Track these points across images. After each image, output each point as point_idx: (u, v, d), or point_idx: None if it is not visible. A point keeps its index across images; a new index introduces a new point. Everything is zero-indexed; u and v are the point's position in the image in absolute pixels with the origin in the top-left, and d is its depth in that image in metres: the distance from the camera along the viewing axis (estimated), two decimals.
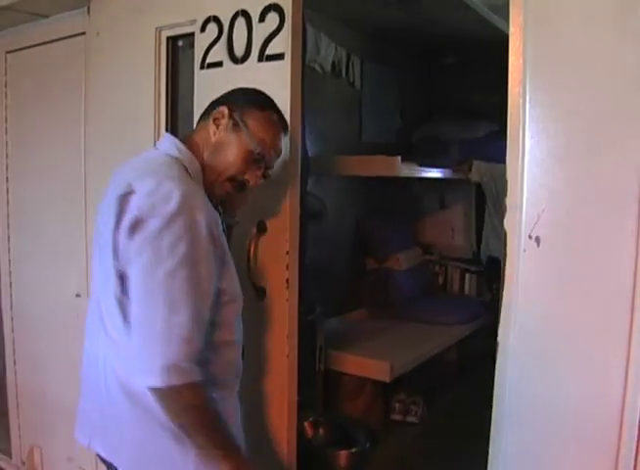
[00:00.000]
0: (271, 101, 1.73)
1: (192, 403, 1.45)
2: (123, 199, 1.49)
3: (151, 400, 1.46)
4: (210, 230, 1.48)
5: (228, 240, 1.87)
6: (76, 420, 1.77)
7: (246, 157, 1.64)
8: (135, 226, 1.45)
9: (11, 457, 3.49)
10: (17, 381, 3.36)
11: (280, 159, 1.94)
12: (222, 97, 1.70)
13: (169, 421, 1.47)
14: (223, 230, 1.75)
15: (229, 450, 1.52)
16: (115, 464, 1.64)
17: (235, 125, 1.62)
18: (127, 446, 1.61)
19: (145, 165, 1.59)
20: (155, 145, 1.73)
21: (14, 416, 3.41)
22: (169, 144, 1.65)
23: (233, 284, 1.63)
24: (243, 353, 1.81)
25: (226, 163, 1.64)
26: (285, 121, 1.74)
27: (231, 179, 1.67)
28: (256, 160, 1.66)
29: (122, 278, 1.49)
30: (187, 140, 1.66)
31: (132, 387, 1.53)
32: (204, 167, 1.64)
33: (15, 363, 3.35)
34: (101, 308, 1.60)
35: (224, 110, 1.63)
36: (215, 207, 1.67)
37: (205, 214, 1.47)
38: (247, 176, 1.67)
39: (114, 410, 1.60)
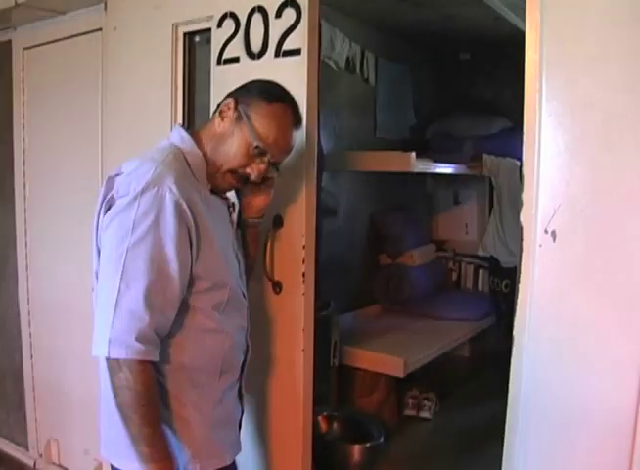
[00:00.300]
0: (284, 94, 1.68)
1: (129, 384, 1.42)
2: (110, 180, 1.56)
3: None
4: (181, 209, 1.46)
5: (244, 237, 1.89)
6: None
7: (246, 150, 1.61)
8: (109, 204, 1.51)
9: (28, 450, 3.51)
10: (34, 374, 3.38)
11: (295, 153, 1.94)
12: (237, 89, 1.68)
13: (112, 399, 1.46)
14: (237, 224, 1.79)
15: (160, 453, 1.47)
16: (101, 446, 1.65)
17: (238, 117, 1.60)
18: (102, 424, 1.63)
19: (144, 153, 1.62)
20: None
21: (31, 409, 3.43)
22: (176, 133, 1.67)
23: (216, 270, 1.60)
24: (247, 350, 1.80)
25: (227, 155, 1.62)
26: (299, 115, 1.69)
27: (232, 172, 1.64)
28: (259, 154, 1.62)
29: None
30: (195, 131, 1.68)
31: None
32: (207, 158, 1.63)
33: (32, 357, 3.37)
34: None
35: (230, 102, 1.62)
36: (223, 196, 1.73)
37: (175, 193, 1.46)
38: (248, 170, 1.64)
39: (102, 391, 1.59)
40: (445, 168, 3.70)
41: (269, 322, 2.13)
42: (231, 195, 1.80)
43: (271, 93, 1.64)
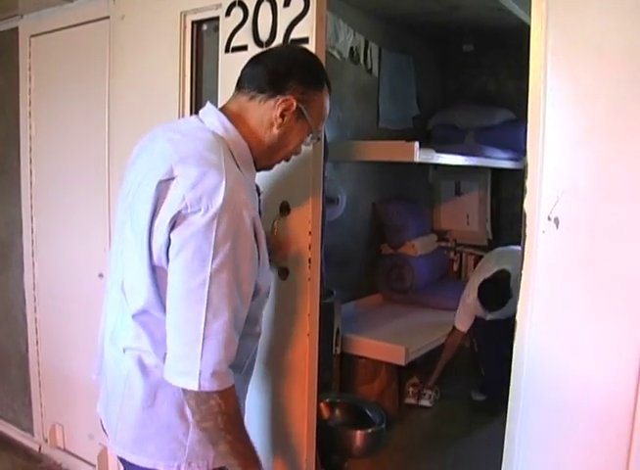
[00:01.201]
0: (323, 69, 1.66)
1: (222, 410, 1.40)
2: (164, 185, 1.40)
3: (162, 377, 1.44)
4: (254, 227, 1.42)
5: None
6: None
7: (304, 138, 1.63)
8: (177, 220, 1.36)
9: (33, 435, 3.55)
10: (39, 360, 3.41)
11: None
12: (281, 74, 1.55)
13: (195, 422, 1.45)
14: (259, 212, 1.68)
15: (248, 461, 1.49)
16: (111, 440, 1.62)
17: (300, 115, 1.57)
18: (128, 422, 1.58)
19: (189, 146, 1.48)
20: (198, 114, 1.61)
21: (36, 395, 3.47)
22: (215, 119, 1.55)
23: (267, 278, 1.61)
24: None
25: (286, 147, 1.61)
26: (330, 83, 1.65)
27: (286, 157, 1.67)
28: (311, 135, 1.65)
29: (154, 268, 1.43)
30: (234, 118, 1.56)
31: (147, 361, 1.51)
32: (258, 149, 1.58)
33: (37, 343, 3.40)
34: (123, 287, 1.54)
35: (292, 102, 1.53)
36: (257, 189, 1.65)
37: (250, 211, 1.40)
38: (298, 149, 1.67)
39: (120, 386, 1.57)
40: (448, 159, 3.73)
41: (275, 307, 2.16)
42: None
43: (318, 77, 1.61)
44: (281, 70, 1.55)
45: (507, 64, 4.52)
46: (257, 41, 2.12)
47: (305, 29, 2.02)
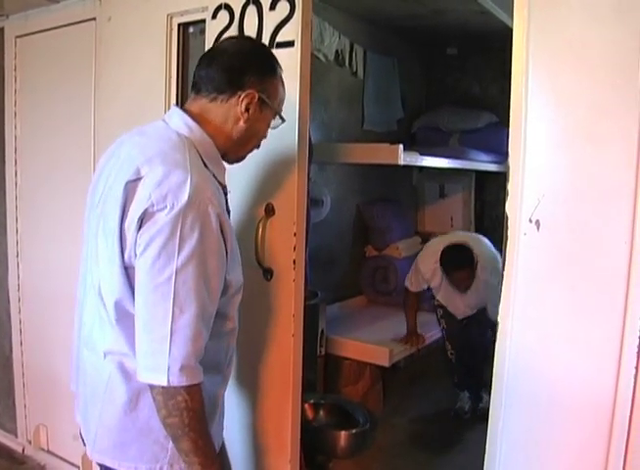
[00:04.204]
0: (271, 52, 1.71)
1: (188, 406, 1.41)
2: (131, 186, 1.43)
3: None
4: (220, 223, 1.43)
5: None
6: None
7: (269, 124, 1.68)
8: (143, 219, 1.38)
9: (17, 436, 3.53)
10: (23, 361, 3.40)
11: (287, 143, 2.04)
12: (236, 71, 1.57)
13: (160, 417, 1.45)
14: (227, 210, 1.70)
15: (208, 460, 1.49)
16: (90, 447, 1.61)
17: (263, 103, 1.60)
18: (108, 428, 1.57)
19: (154, 147, 1.50)
20: (163, 118, 1.61)
21: (20, 396, 3.45)
22: (179, 120, 1.57)
23: (238, 274, 1.61)
24: None
25: (258, 135, 1.66)
26: (279, 62, 1.68)
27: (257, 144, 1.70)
28: (276, 118, 1.69)
29: (127, 269, 1.45)
30: (198, 117, 1.57)
31: (128, 365, 1.51)
32: (227, 145, 1.61)
33: (21, 344, 3.39)
34: (100, 292, 1.53)
35: (253, 94, 1.56)
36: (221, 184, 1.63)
37: (215, 207, 1.42)
38: (266, 133, 1.71)
39: (100, 392, 1.57)
40: (432, 162, 3.75)
41: (260, 308, 2.17)
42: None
43: (271, 64, 1.64)
44: (235, 66, 1.57)
45: (491, 67, 4.55)
46: None
47: (291, 33, 2.03)
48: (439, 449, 3.43)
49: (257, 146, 1.72)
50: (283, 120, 1.72)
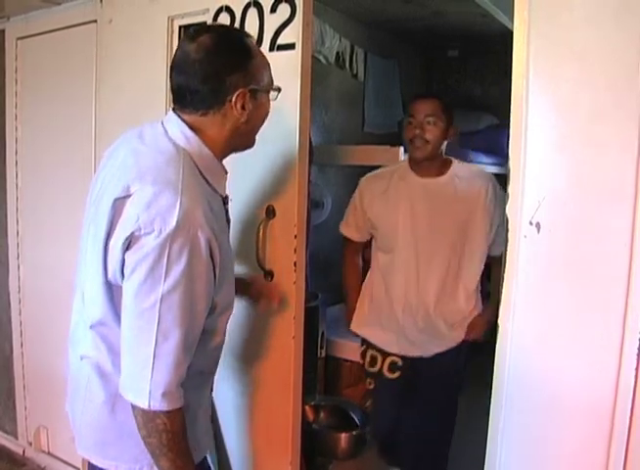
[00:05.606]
0: (235, 35, 1.59)
1: (167, 428, 1.42)
2: (120, 203, 1.41)
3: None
4: (210, 247, 1.40)
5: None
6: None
7: (269, 106, 1.63)
8: (130, 240, 1.37)
9: (17, 438, 3.54)
10: (24, 362, 3.40)
11: (288, 146, 2.05)
12: (214, 79, 1.49)
13: (141, 436, 1.45)
14: (227, 221, 1.70)
15: None
16: (77, 441, 1.63)
17: (255, 94, 1.54)
18: (89, 425, 1.59)
19: (149, 160, 1.47)
20: (162, 123, 1.56)
21: (20, 398, 3.46)
22: (176, 129, 1.52)
23: (228, 294, 1.60)
24: None
25: (262, 119, 1.63)
26: (250, 36, 1.62)
27: None
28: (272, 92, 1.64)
29: (110, 284, 1.45)
30: (194, 126, 1.52)
31: (106, 369, 1.52)
32: (233, 144, 1.59)
33: (22, 345, 3.40)
34: (83, 297, 1.56)
35: (243, 92, 1.50)
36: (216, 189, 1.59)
37: (205, 231, 1.38)
38: (269, 110, 1.65)
39: (82, 390, 1.58)
40: None
41: (260, 311, 2.17)
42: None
43: (242, 51, 1.53)
44: (211, 74, 1.49)
45: (492, 69, 4.55)
46: None
47: (292, 36, 2.04)
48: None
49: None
50: (279, 90, 1.65)
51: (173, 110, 1.57)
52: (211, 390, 1.85)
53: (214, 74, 1.48)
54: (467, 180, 2.61)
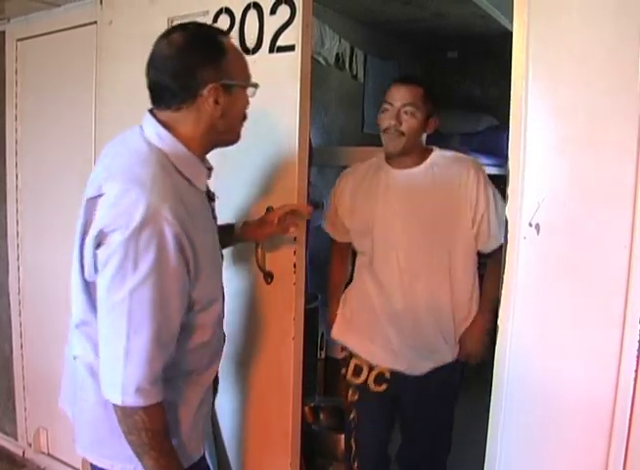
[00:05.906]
0: (206, 30, 1.59)
1: (146, 426, 1.42)
2: (91, 203, 1.44)
3: None
4: (181, 242, 1.39)
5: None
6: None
7: (247, 97, 1.60)
8: (99, 238, 1.39)
9: (17, 439, 3.53)
10: (24, 363, 3.40)
11: (287, 147, 2.05)
12: (185, 75, 1.49)
13: (123, 434, 1.45)
14: (214, 217, 1.71)
15: None
16: (75, 439, 1.64)
17: (228, 89, 1.53)
18: (85, 424, 1.61)
19: (123, 161, 1.50)
20: (142, 123, 1.56)
21: (20, 399, 3.45)
22: (150, 129, 1.52)
23: (208, 289, 1.57)
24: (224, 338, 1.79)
25: (240, 114, 1.61)
26: (224, 32, 1.61)
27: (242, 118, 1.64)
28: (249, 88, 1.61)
29: (87, 283, 1.47)
30: (168, 124, 1.52)
31: (96, 369, 1.50)
32: (212, 139, 1.58)
33: (22, 346, 3.40)
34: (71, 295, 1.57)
35: (215, 86, 1.49)
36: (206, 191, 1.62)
37: (173, 227, 1.38)
38: (248, 105, 1.63)
39: (77, 389, 1.60)
40: None
41: (260, 312, 2.18)
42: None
43: (213, 47, 1.52)
44: (181, 70, 1.49)
45: (491, 70, 4.56)
46: (244, 48, 2.14)
47: (292, 37, 2.04)
48: None
49: (245, 118, 1.64)
50: (256, 86, 1.63)
51: (150, 110, 1.57)
52: (215, 392, 1.85)
53: (185, 69, 1.49)
54: (446, 167, 2.33)
